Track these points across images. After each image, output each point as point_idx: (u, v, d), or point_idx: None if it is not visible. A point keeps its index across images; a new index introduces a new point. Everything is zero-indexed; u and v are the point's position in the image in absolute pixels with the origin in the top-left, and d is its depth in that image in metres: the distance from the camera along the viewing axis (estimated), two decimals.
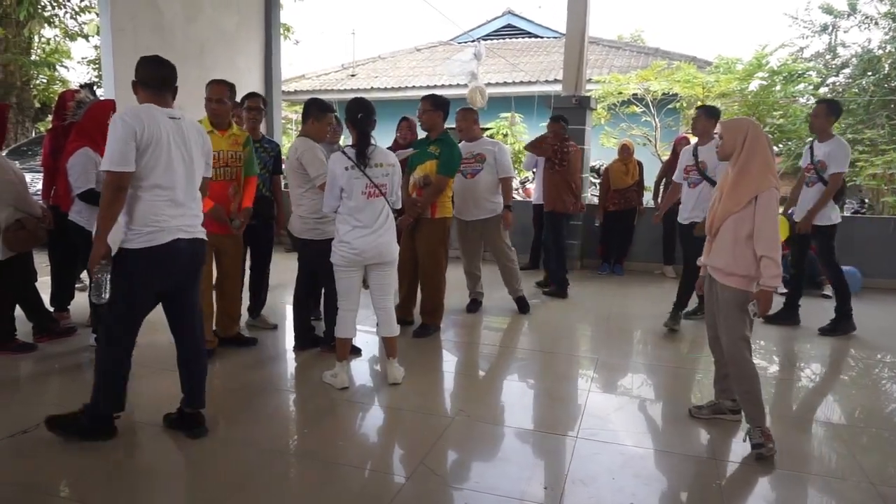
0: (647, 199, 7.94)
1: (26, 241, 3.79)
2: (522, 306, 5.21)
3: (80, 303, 4.60)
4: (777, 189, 2.72)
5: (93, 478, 2.51)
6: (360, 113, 3.39)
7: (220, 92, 3.64)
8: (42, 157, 4.41)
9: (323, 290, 4.15)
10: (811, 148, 4.73)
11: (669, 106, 10.32)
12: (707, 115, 4.64)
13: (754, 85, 9.68)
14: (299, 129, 4.14)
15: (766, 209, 2.68)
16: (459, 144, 4.91)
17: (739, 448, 2.82)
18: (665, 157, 9.91)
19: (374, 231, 3.38)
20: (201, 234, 2.81)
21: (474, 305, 5.24)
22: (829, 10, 11.01)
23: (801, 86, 10.35)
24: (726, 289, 2.81)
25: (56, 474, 2.57)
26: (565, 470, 2.63)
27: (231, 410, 3.23)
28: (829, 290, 6.15)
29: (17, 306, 4.08)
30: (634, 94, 10.36)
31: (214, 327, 3.92)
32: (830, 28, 11.10)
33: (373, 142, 3.44)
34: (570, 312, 5.35)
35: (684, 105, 10.22)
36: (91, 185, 3.67)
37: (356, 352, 4.01)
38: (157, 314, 2.85)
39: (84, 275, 4.71)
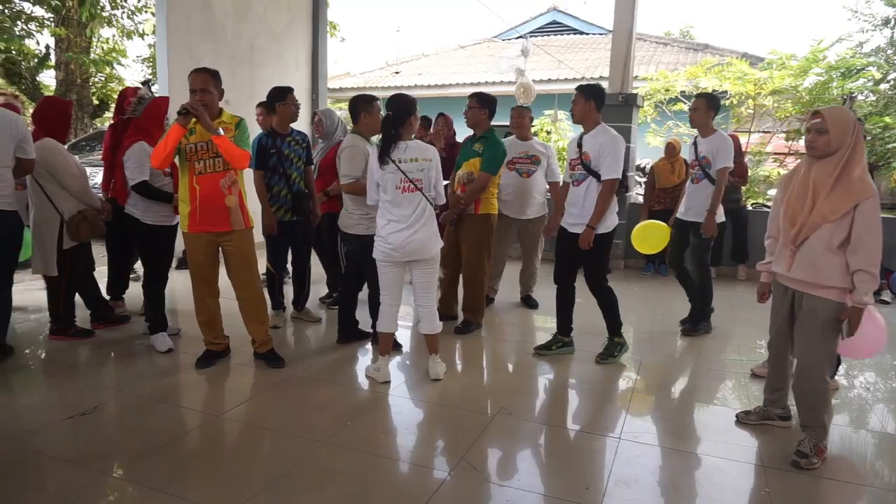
0: None
1: (87, 232, 3.96)
2: (532, 304, 5.35)
3: (134, 292, 4.78)
4: (876, 195, 2.46)
5: (147, 459, 2.61)
6: (389, 111, 3.39)
7: (204, 81, 3.39)
8: (103, 152, 4.59)
9: (367, 285, 4.20)
10: (695, 144, 4.52)
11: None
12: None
13: (809, 81, 9.33)
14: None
15: (869, 219, 2.42)
16: (509, 140, 4.96)
17: (789, 455, 2.74)
18: None
19: (408, 227, 3.35)
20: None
21: (531, 301, 5.34)
22: (891, 3, 10.54)
23: (860, 81, 9.94)
24: (818, 301, 2.58)
25: (112, 455, 2.68)
26: (607, 471, 2.61)
27: (275, 402, 3.31)
28: (887, 296, 5.92)
29: (77, 294, 4.27)
30: (682, 92, 10.12)
31: (252, 340, 3.80)
32: (893, 22, 10.63)
33: (413, 136, 3.46)
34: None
35: (734, 102, 9.93)
36: (145, 177, 3.79)
37: (397, 347, 4.05)
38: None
39: (139, 265, 4.88)
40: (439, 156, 3.60)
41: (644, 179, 7.97)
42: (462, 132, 4.98)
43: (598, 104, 3.74)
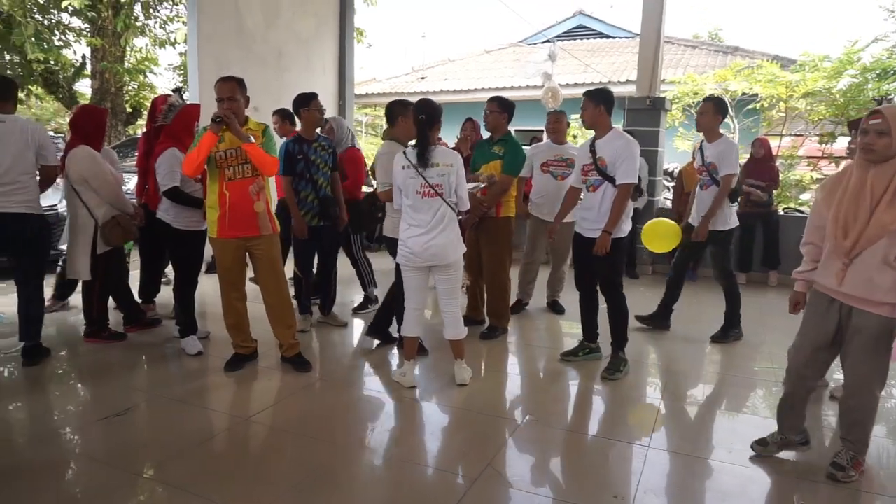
0: None
1: (120, 237, 4.05)
2: (559, 309, 5.32)
3: (165, 296, 4.87)
4: None
5: (177, 460, 2.65)
6: (423, 114, 3.40)
7: (231, 89, 3.47)
8: (137, 159, 4.70)
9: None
10: (701, 149, 4.47)
11: (749, 106, 9.88)
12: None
13: (844, 83, 9.12)
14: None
15: None
16: (544, 144, 4.99)
17: (824, 465, 2.67)
18: (743, 160, 9.52)
19: (426, 232, 3.35)
20: (10, 208, 3.58)
21: (557, 307, 5.32)
22: None
23: None
24: (871, 317, 2.40)
25: (143, 456, 2.73)
26: (636, 480, 2.57)
27: (302, 406, 3.34)
28: None
29: (111, 297, 4.37)
30: (711, 95, 9.98)
31: (279, 344, 3.83)
32: None
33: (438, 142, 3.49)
34: (644, 314, 5.22)
35: (765, 105, 9.75)
36: (176, 182, 3.86)
37: (423, 352, 4.05)
38: None
39: (169, 269, 4.97)
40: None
41: (672, 184, 7.87)
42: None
43: (608, 108, 3.71)
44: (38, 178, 3.82)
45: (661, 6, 6.98)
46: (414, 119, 3.47)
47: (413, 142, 3.52)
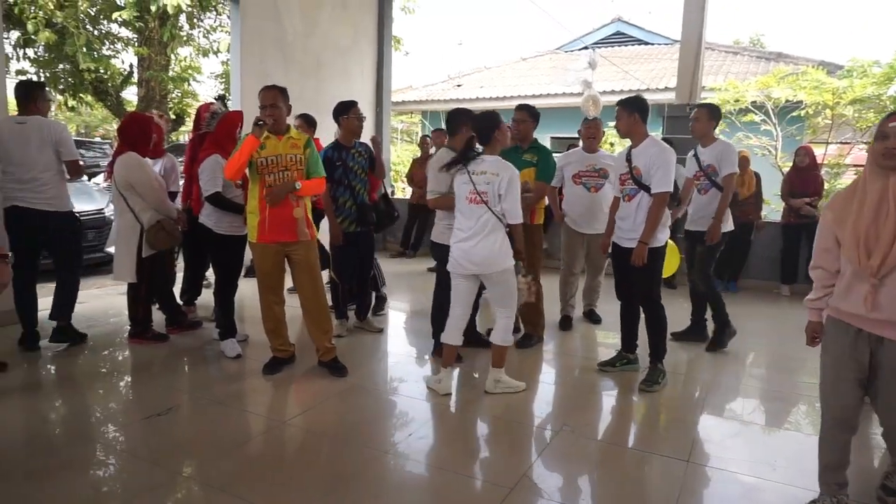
0: (767, 211, 7.47)
1: (164, 241, 4.16)
2: (595, 318, 5.25)
3: (206, 299, 4.98)
4: None
5: (216, 461, 2.70)
6: (479, 126, 3.49)
7: (273, 97, 3.54)
8: (184, 165, 4.84)
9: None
10: (696, 155, 4.42)
11: (793, 114, 9.64)
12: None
13: (894, 89, 8.83)
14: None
15: None
16: (576, 152, 4.94)
17: (873, 486, 2.57)
18: (786, 168, 9.28)
19: (468, 238, 3.38)
20: (39, 205, 3.93)
21: (594, 316, 5.26)
22: None
23: None
24: None
25: (183, 455, 2.79)
26: (675, 495, 2.51)
27: (338, 410, 3.36)
28: None
29: (155, 300, 4.49)
30: (753, 102, 9.76)
31: (316, 348, 3.89)
32: None
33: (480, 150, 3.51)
34: (679, 330, 5.13)
35: (810, 113, 9.50)
36: (218, 188, 3.95)
37: (458, 359, 4.05)
38: None
39: (210, 273, 5.08)
40: None
41: None
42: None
43: (642, 116, 3.67)
44: (64, 175, 4.09)
45: (702, 12, 6.88)
46: (473, 128, 3.56)
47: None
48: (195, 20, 12.72)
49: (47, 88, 4.31)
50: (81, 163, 4.23)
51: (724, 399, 3.67)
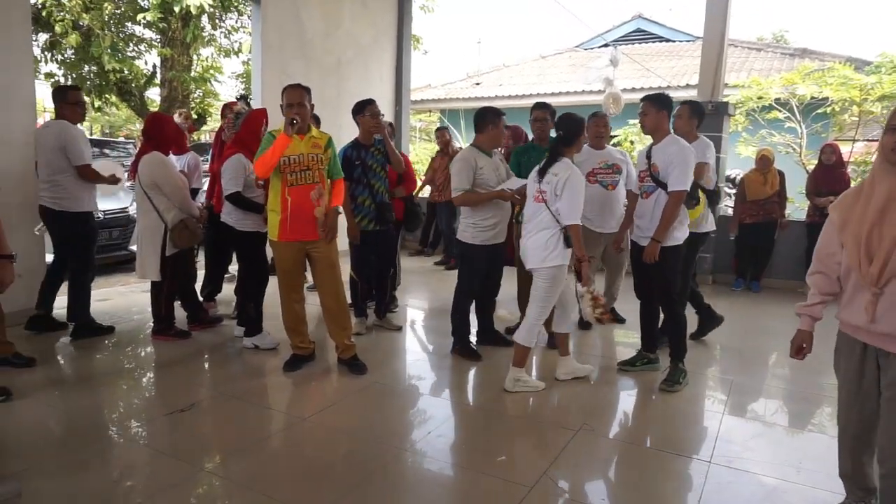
0: (791, 210, 7.35)
1: (188, 239, 4.23)
2: (618, 318, 5.07)
3: (226, 295, 5.03)
4: None
5: (237, 457, 2.73)
6: (561, 130, 3.55)
7: (300, 96, 3.56)
8: (210, 163, 4.91)
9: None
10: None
11: (818, 111, 9.47)
12: (658, 106, 3.64)
13: None
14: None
15: None
16: (585, 150, 4.85)
17: None
18: (811, 166, 9.12)
19: (526, 234, 3.56)
20: (49, 204, 4.17)
21: (617, 316, 5.10)
22: None
23: None
24: None
25: (206, 451, 2.83)
26: (698, 496, 2.49)
27: (358, 408, 3.38)
28: None
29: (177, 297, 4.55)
30: (777, 99, 9.61)
31: (336, 346, 3.90)
32: None
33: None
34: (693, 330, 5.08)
35: (836, 109, 9.33)
36: (238, 188, 4.00)
37: (508, 344, 4.14)
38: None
39: (232, 267, 5.15)
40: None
41: (734, 191, 7.62)
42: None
43: (669, 113, 3.66)
44: (77, 178, 4.21)
45: (725, 7, 6.78)
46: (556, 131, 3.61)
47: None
48: (217, 21, 12.86)
49: (79, 91, 4.40)
50: (94, 166, 4.33)
51: (746, 399, 3.62)
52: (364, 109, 4.44)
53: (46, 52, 11.43)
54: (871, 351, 1.98)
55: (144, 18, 10.72)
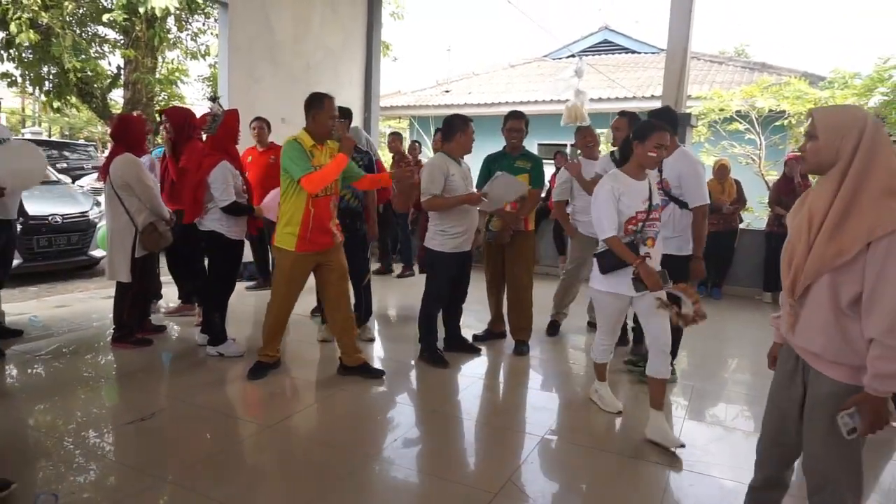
0: (751, 220, 7.56)
1: (157, 242, 4.17)
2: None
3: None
4: None
5: (200, 466, 2.68)
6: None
7: (336, 108, 3.69)
8: (160, 168, 4.82)
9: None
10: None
11: (776, 123, 9.79)
12: (630, 124, 3.89)
13: (875, 101, 8.99)
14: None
15: (886, 265, 1.62)
16: (576, 161, 4.93)
17: None
18: (769, 177, 9.40)
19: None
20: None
21: (555, 329, 5.11)
22: None
23: None
24: (827, 382, 1.78)
25: (168, 461, 2.77)
26: (659, 499, 2.54)
27: (324, 415, 3.36)
28: None
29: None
30: (738, 111, 9.90)
31: (344, 354, 3.90)
32: None
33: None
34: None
35: (793, 122, 9.65)
36: (234, 197, 3.97)
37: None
38: None
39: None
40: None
41: None
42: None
43: (674, 128, 3.69)
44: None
45: (688, 21, 6.95)
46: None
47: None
48: (183, 23, 12.68)
49: None
50: None
51: (707, 404, 3.71)
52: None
53: (2, 52, 11.09)
54: (801, 362, 1.89)
55: (109, 18, 10.50)
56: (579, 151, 5.08)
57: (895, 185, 1.66)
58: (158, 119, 13.64)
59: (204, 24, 12.78)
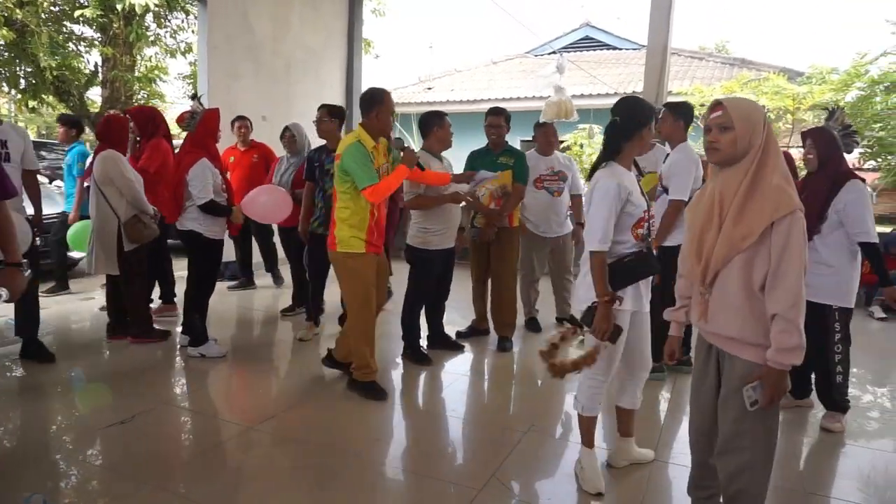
0: None
1: (143, 234, 4.16)
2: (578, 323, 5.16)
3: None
4: (801, 210, 1.78)
5: (182, 469, 2.66)
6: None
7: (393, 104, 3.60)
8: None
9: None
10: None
11: None
12: (676, 115, 3.76)
13: (852, 96, 9.13)
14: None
15: (788, 243, 1.75)
16: (530, 155, 4.93)
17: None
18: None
19: None
20: None
21: (535, 325, 5.14)
22: None
23: None
24: (741, 365, 1.89)
25: (145, 463, 2.73)
26: (641, 492, 2.56)
27: (307, 416, 3.34)
28: (877, 311, 5.83)
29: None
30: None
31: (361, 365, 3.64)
32: None
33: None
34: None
35: (772, 117, 9.77)
36: (211, 196, 3.95)
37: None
38: None
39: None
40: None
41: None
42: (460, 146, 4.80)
43: (686, 123, 3.74)
44: None
45: (668, 17, 7.00)
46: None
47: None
48: (162, 20, 12.51)
49: None
50: None
51: (687, 397, 3.73)
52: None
53: None
54: (714, 351, 2.00)
55: (83, 15, 10.33)
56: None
57: (787, 173, 1.83)
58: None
59: (184, 22, 12.61)
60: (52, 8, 11.19)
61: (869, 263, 3.13)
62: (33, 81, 11.72)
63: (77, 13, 10.37)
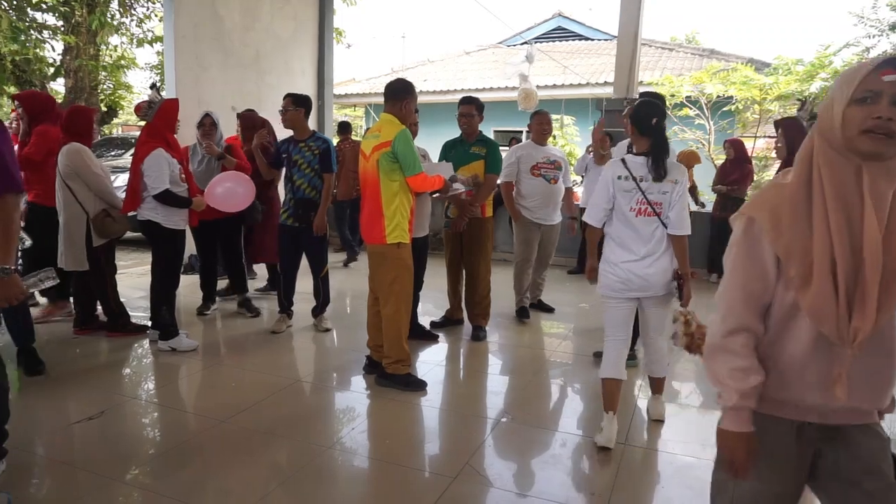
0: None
1: (112, 228, 4.08)
2: (547, 308, 5.32)
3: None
4: None
5: (153, 463, 2.63)
6: (655, 118, 2.89)
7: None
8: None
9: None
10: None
11: (724, 108, 10.06)
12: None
13: (816, 87, 9.33)
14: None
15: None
16: (526, 145, 4.97)
17: None
18: (718, 161, 9.65)
19: (641, 258, 2.85)
20: None
21: (545, 307, 5.29)
22: None
23: None
24: (872, 432, 1.32)
25: (116, 459, 2.69)
26: (613, 476, 2.60)
27: (281, 407, 3.32)
28: None
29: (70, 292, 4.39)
30: (688, 97, 10.13)
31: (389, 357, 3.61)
32: None
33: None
34: None
35: (740, 108, 9.94)
36: (167, 185, 3.87)
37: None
38: None
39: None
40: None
41: None
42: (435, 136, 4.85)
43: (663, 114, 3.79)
44: None
45: (638, 9, 7.06)
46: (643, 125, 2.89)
47: (626, 148, 3.34)
48: (127, 7, 12.20)
49: None
50: None
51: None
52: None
53: None
54: (810, 432, 1.31)
55: (44, 3, 10.02)
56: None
57: None
58: (105, 109, 13.13)
59: (149, 10, 12.31)
60: None
61: None
62: None
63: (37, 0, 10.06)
